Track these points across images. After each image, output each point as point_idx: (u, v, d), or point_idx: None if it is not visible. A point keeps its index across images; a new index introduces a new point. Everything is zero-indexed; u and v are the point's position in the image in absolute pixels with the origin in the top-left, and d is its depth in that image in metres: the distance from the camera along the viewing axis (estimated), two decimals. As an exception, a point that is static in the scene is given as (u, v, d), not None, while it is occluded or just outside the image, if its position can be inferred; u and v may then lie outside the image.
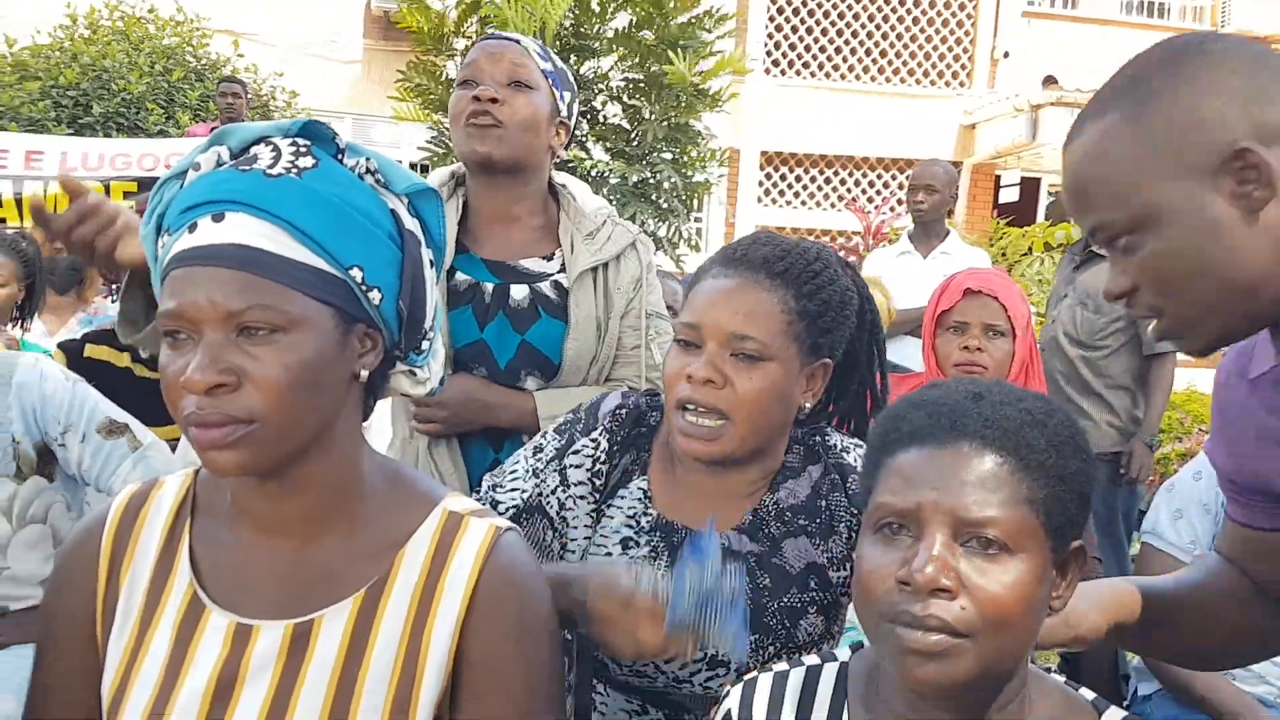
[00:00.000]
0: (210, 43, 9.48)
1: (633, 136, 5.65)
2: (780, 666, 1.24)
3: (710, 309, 1.42)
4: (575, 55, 5.45)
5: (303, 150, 1.10)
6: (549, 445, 1.56)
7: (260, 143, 1.11)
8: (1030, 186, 11.93)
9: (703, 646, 1.23)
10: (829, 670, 1.21)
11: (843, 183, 12.34)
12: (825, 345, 1.47)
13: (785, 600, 1.46)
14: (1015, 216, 10.29)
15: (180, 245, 1.05)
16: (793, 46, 12.20)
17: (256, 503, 1.14)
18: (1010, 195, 11.30)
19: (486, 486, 1.58)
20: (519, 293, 2.02)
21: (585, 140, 5.61)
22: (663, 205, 5.68)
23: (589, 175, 5.36)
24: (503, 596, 1.14)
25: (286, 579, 1.14)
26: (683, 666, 1.46)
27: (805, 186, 12.36)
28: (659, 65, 5.35)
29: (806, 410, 1.50)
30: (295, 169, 1.08)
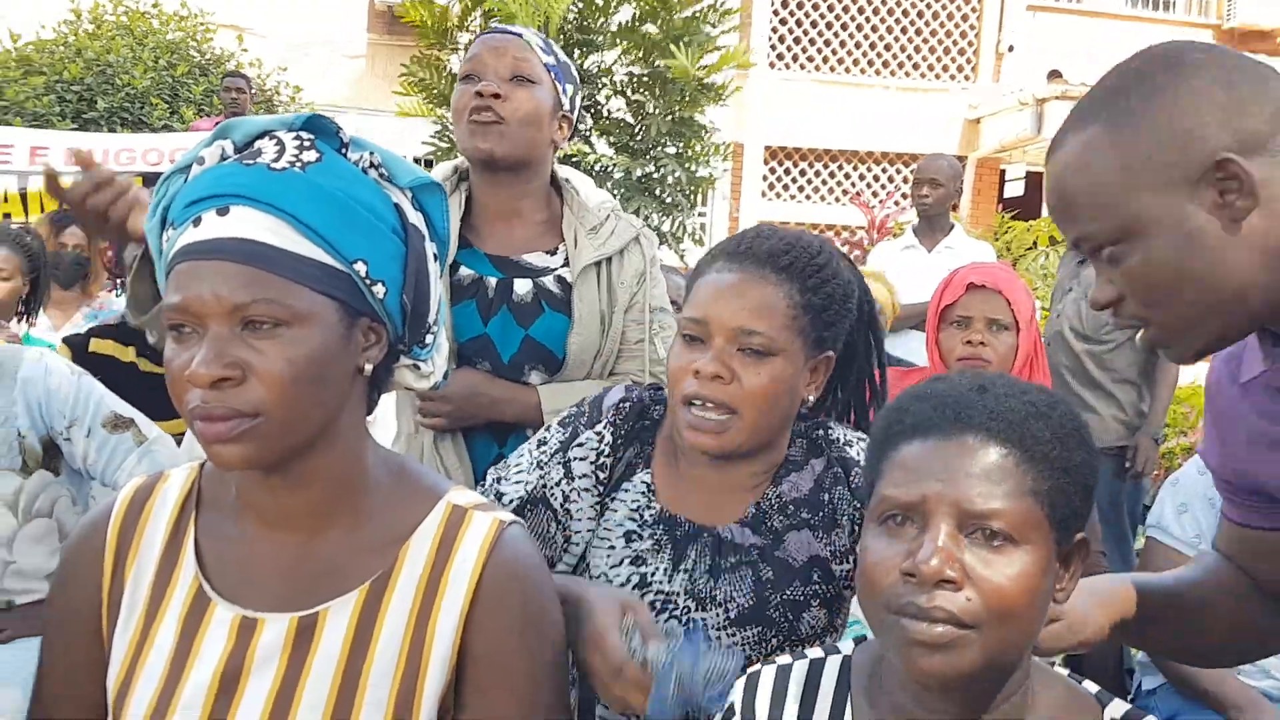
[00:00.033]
0: (214, 37, 9.49)
1: (636, 131, 5.65)
2: (783, 660, 1.24)
3: (716, 303, 1.42)
4: (579, 49, 5.44)
5: (307, 144, 1.10)
6: (553, 438, 1.56)
7: (264, 137, 1.11)
8: (1035, 180, 11.89)
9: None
10: (832, 663, 1.22)
11: (847, 177, 12.32)
12: (829, 339, 1.48)
13: (788, 593, 1.46)
14: (1020, 211, 10.28)
15: (185, 239, 1.06)
16: (797, 40, 12.18)
17: (261, 496, 1.14)
18: (1015, 189, 11.28)
19: (491, 479, 1.59)
20: (522, 287, 2.02)
21: (589, 135, 5.61)
22: (666, 200, 5.67)
23: (593, 170, 5.35)
24: (506, 590, 1.15)
25: (291, 572, 1.14)
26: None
27: (809, 181, 12.35)
28: (663, 60, 5.35)
29: (810, 403, 1.50)
30: (299, 163, 1.08)
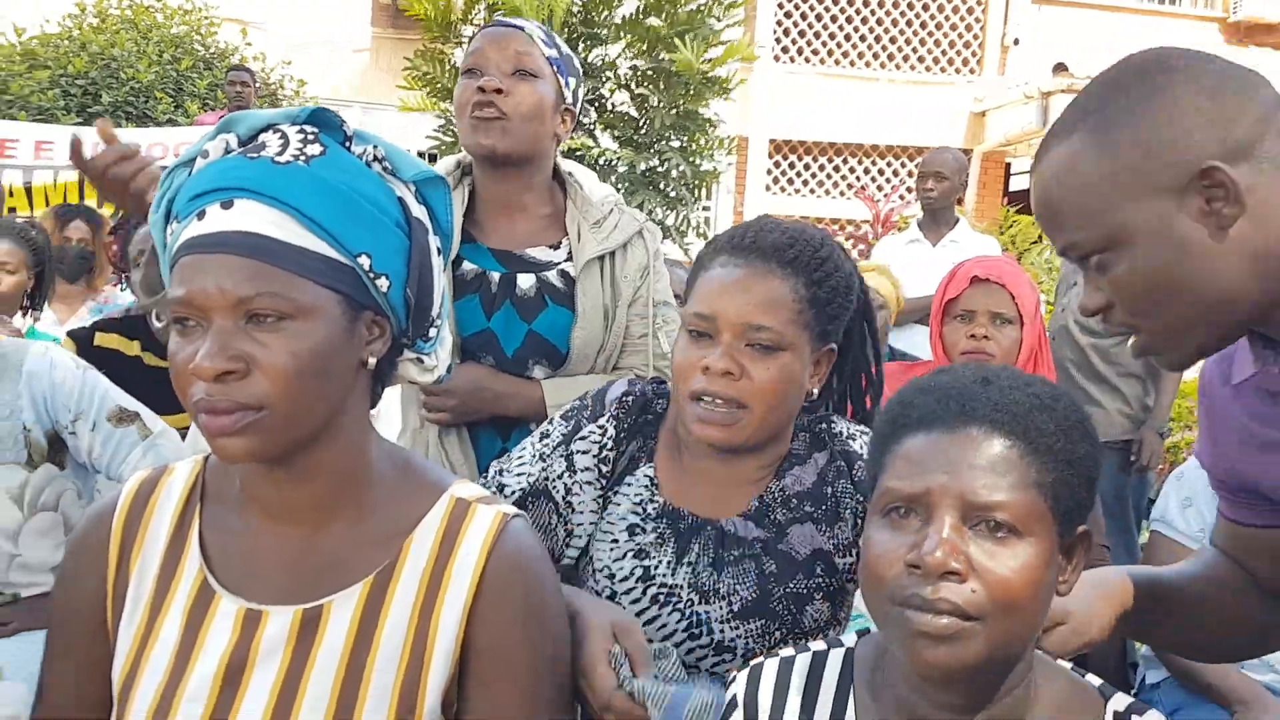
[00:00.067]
0: (219, 31, 9.48)
1: (641, 124, 5.63)
2: (786, 652, 1.24)
3: (723, 299, 1.41)
4: (583, 42, 5.43)
5: (310, 138, 1.10)
6: (556, 431, 1.56)
7: (268, 130, 1.11)
8: (1040, 174, 11.85)
9: None
10: (835, 656, 1.22)
11: (852, 170, 12.30)
12: (832, 331, 1.48)
13: (791, 586, 1.47)
14: (1025, 204, 10.22)
15: (189, 233, 1.06)
16: (802, 34, 12.15)
17: (265, 489, 1.15)
18: (1021, 183, 11.26)
19: (494, 471, 1.59)
20: (526, 282, 2.02)
21: (593, 128, 5.60)
22: (671, 194, 5.66)
23: (597, 163, 5.34)
24: (510, 582, 1.15)
25: (295, 565, 1.14)
26: (690, 652, 1.47)
27: (814, 174, 12.32)
28: (667, 53, 5.33)
29: (814, 396, 1.50)
30: (303, 156, 1.08)
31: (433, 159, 4.18)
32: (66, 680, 1.19)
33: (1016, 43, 12.31)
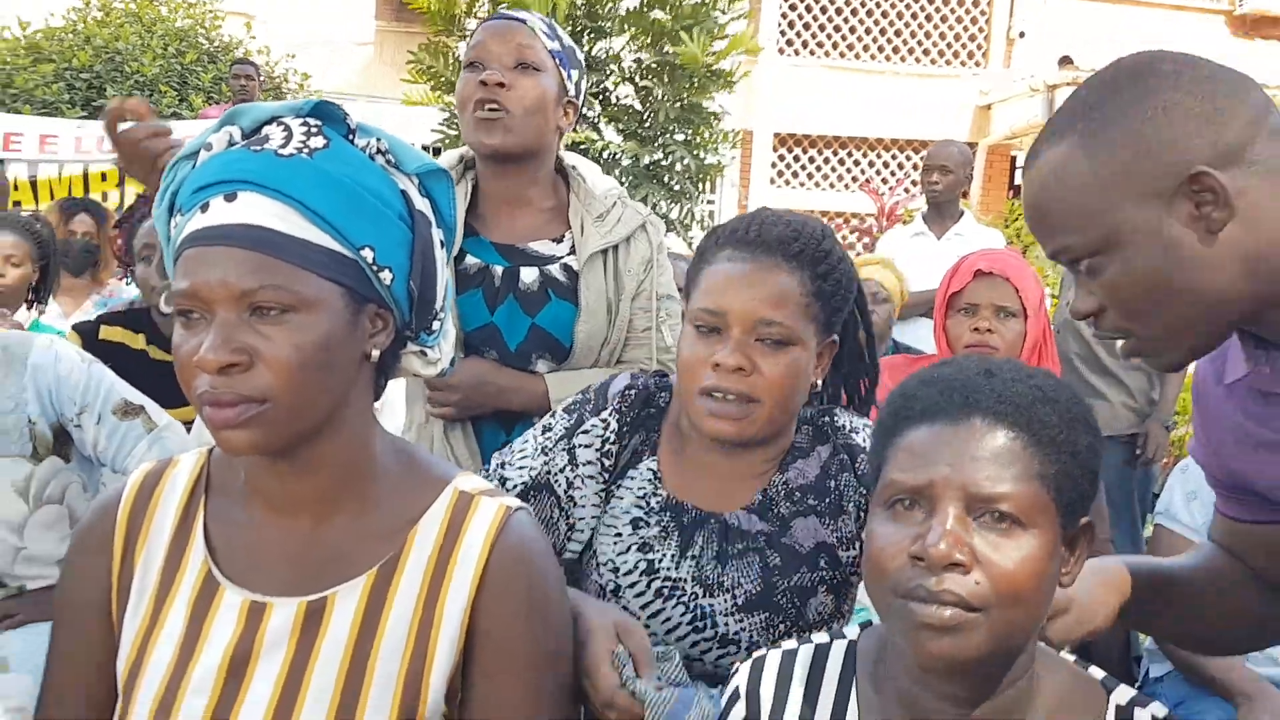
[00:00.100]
0: (223, 25, 9.49)
1: (645, 118, 5.63)
2: (789, 644, 1.25)
3: (732, 294, 1.41)
4: (587, 35, 5.43)
5: (314, 130, 1.10)
6: (558, 424, 1.56)
7: (272, 123, 1.12)
8: (1045, 167, 11.82)
9: None
10: (837, 648, 1.22)
11: (856, 164, 12.27)
12: (835, 323, 1.48)
13: (795, 580, 1.47)
14: (1030, 197, 10.18)
15: (193, 225, 1.06)
16: (806, 26, 12.12)
17: (269, 482, 1.15)
18: (1025, 176, 11.19)
19: (495, 464, 1.59)
20: (529, 276, 2.02)
21: (597, 121, 5.59)
22: (675, 187, 5.66)
23: (601, 157, 5.34)
24: (513, 575, 1.15)
25: (299, 557, 1.15)
26: (694, 645, 1.47)
27: (819, 168, 12.30)
28: (671, 46, 5.33)
29: (818, 388, 1.50)
30: (307, 149, 1.08)
31: (436, 152, 4.18)
32: (71, 672, 1.19)
33: (1022, 35, 12.27)
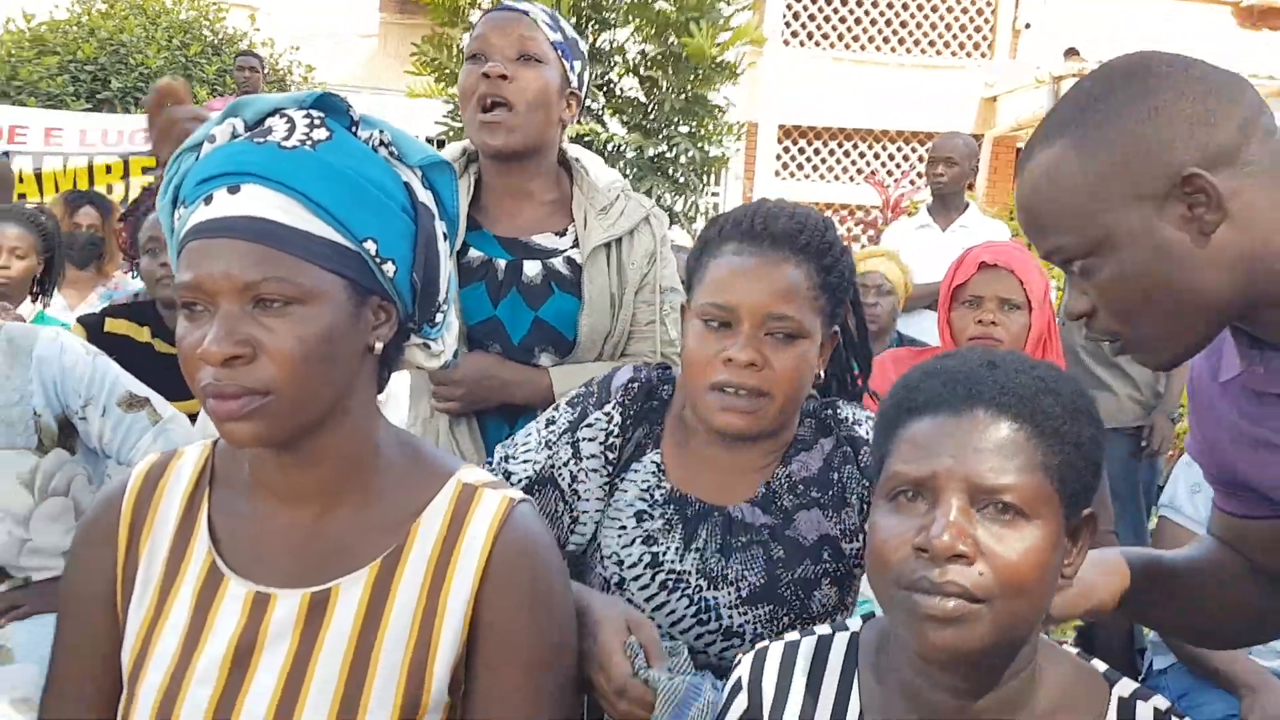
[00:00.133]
0: (227, 17, 9.49)
1: (649, 109, 5.62)
2: (791, 636, 1.25)
3: (741, 288, 1.41)
4: (591, 26, 5.41)
5: (317, 122, 1.10)
6: (561, 418, 1.56)
7: (275, 115, 1.11)
8: (1051, 159, 11.77)
9: None
10: (840, 640, 1.22)
11: (861, 156, 12.25)
12: (838, 315, 1.49)
13: (799, 572, 1.47)
14: (1035, 190, 10.14)
15: (196, 217, 1.06)
16: (811, 18, 12.09)
17: (273, 474, 1.15)
18: (1031, 168, 11.14)
19: (499, 457, 1.59)
20: (532, 269, 2.01)
21: (601, 113, 5.58)
22: (679, 179, 5.65)
23: (605, 149, 5.33)
24: (516, 567, 1.15)
25: (303, 549, 1.15)
26: (698, 638, 1.47)
27: (824, 160, 12.28)
28: (676, 38, 5.31)
29: (821, 379, 1.50)
30: (310, 141, 1.08)
31: (440, 145, 4.17)
32: (76, 663, 1.20)
33: (1028, 26, 12.23)
